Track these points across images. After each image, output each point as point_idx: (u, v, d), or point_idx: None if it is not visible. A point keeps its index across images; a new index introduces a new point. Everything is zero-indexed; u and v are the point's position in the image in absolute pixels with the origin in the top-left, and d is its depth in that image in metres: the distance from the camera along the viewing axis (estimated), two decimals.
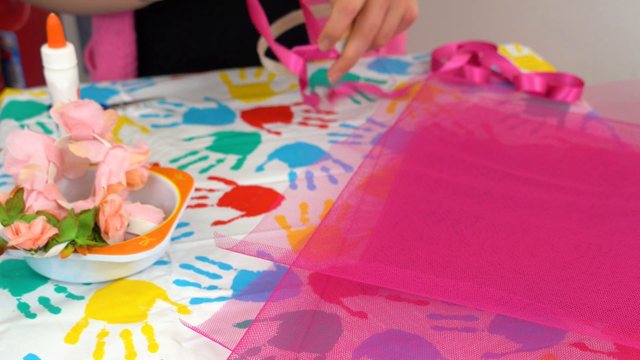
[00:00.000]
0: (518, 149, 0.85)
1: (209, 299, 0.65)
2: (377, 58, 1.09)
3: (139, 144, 0.71)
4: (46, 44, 0.76)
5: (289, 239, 0.72)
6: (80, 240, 0.63)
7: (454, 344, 0.60)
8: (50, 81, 0.77)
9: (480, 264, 0.66)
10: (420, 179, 0.79)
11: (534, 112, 0.93)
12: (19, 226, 0.62)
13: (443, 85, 0.99)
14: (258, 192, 0.80)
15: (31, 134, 0.69)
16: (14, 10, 2.02)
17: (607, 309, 0.61)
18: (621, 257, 0.68)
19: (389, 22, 0.84)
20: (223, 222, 0.75)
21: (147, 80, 1.02)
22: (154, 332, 0.62)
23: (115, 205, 0.65)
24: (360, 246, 0.69)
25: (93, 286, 0.67)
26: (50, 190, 0.68)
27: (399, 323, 0.62)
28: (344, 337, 0.60)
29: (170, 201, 0.72)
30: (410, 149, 0.84)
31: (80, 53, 2.01)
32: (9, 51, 2.04)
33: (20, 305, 0.65)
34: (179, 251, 0.71)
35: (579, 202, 0.76)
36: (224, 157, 0.86)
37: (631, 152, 0.85)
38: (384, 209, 0.74)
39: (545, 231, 0.71)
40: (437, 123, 0.90)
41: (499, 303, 0.60)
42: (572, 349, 0.59)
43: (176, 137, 0.89)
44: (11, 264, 0.69)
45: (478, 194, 0.77)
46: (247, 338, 0.59)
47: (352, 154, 0.86)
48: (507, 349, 0.59)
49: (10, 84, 2.08)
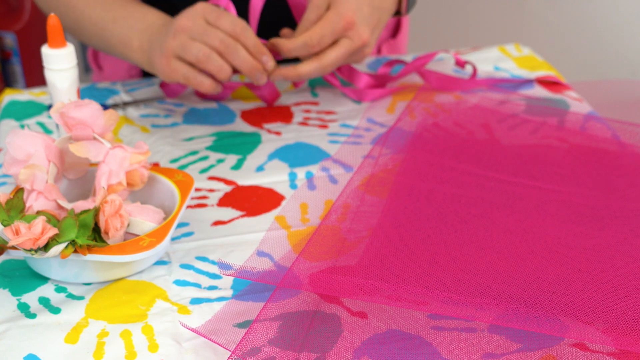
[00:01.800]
0: (518, 150, 0.85)
1: (209, 299, 0.65)
2: (377, 58, 1.09)
3: (139, 144, 0.71)
4: (46, 44, 0.76)
5: (289, 239, 0.72)
6: (80, 240, 0.63)
7: (454, 344, 0.60)
8: (50, 81, 0.77)
9: (480, 264, 0.66)
10: (419, 186, 0.79)
11: (534, 112, 0.93)
12: (19, 226, 0.62)
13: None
14: (258, 192, 0.80)
15: (31, 134, 0.69)
16: (14, 10, 2.02)
17: (608, 309, 0.61)
18: (622, 257, 0.68)
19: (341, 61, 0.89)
20: (223, 222, 0.75)
21: (147, 80, 1.02)
22: (154, 332, 0.62)
23: (115, 205, 0.65)
24: (360, 246, 0.69)
25: (93, 286, 0.67)
26: (50, 190, 0.68)
27: (399, 323, 0.62)
28: (344, 337, 0.60)
29: (170, 201, 0.72)
30: (410, 150, 0.84)
31: (80, 53, 2.01)
32: (9, 51, 2.04)
33: (21, 305, 0.65)
34: (179, 251, 0.71)
35: (578, 203, 0.76)
36: (224, 157, 0.86)
37: (631, 152, 0.85)
38: (384, 209, 0.74)
39: (545, 232, 0.71)
40: (437, 123, 0.90)
41: (498, 316, 0.60)
42: (572, 349, 0.59)
43: (176, 137, 0.89)
44: (11, 264, 0.69)
45: (478, 196, 0.77)
46: (247, 338, 0.59)
47: (352, 154, 0.86)
48: (507, 349, 0.59)
49: (10, 84, 2.08)
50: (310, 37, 0.85)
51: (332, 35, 0.86)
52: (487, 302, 0.61)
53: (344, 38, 0.87)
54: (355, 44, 0.87)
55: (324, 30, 0.85)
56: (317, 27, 0.86)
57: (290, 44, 0.87)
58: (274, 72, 0.88)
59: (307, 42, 0.86)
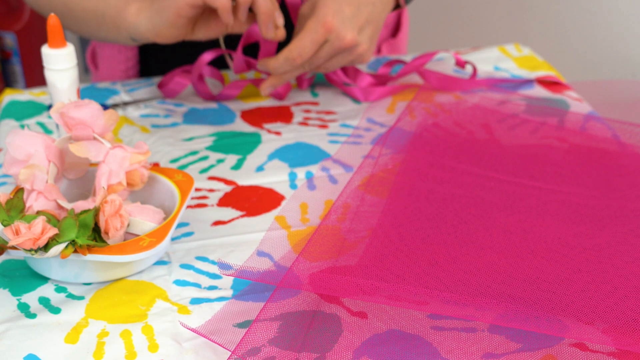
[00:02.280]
0: (518, 150, 0.85)
1: (209, 299, 0.65)
2: (377, 58, 1.09)
3: (139, 144, 0.71)
4: (46, 44, 0.76)
5: (289, 239, 0.72)
6: (80, 240, 0.63)
7: (454, 344, 0.60)
8: (50, 81, 0.77)
9: (480, 264, 0.66)
10: (419, 186, 0.79)
11: (534, 112, 0.93)
12: (19, 226, 0.62)
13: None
14: (258, 192, 0.80)
15: (31, 134, 0.69)
16: (14, 10, 2.02)
17: (608, 309, 0.61)
18: (622, 257, 0.68)
19: (332, 64, 0.89)
20: (223, 222, 0.75)
21: (147, 80, 1.02)
22: (154, 332, 0.62)
23: (115, 205, 0.65)
24: (360, 246, 0.69)
25: (93, 286, 0.67)
26: (50, 190, 0.68)
27: (399, 323, 0.62)
28: (344, 337, 0.60)
29: (170, 201, 0.72)
30: (410, 150, 0.84)
31: (80, 53, 2.01)
32: (9, 51, 2.04)
33: (21, 305, 0.65)
34: (179, 251, 0.71)
35: (578, 203, 0.76)
36: (224, 157, 0.86)
37: (631, 152, 0.85)
38: (384, 209, 0.74)
39: (545, 231, 0.71)
40: (437, 123, 0.90)
41: (498, 316, 0.60)
42: (572, 349, 0.59)
43: (176, 137, 0.89)
44: (11, 264, 0.69)
45: (478, 196, 0.77)
46: (247, 338, 0.59)
47: (352, 154, 0.86)
48: (507, 349, 0.59)
49: (10, 84, 2.08)
50: (289, 51, 0.85)
51: (313, 44, 0.85)
52: (487, 302, 0.61)
53: (325, 43, 0.86)
54: (335, 46, 0.86)
55: (303, 41, 0.85)
56: (296, 39, 0.86)
57: (274, 62, 0.87)
58: (263, 87, 0.90)
59: (287, 56, 0.86)
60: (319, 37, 0.85)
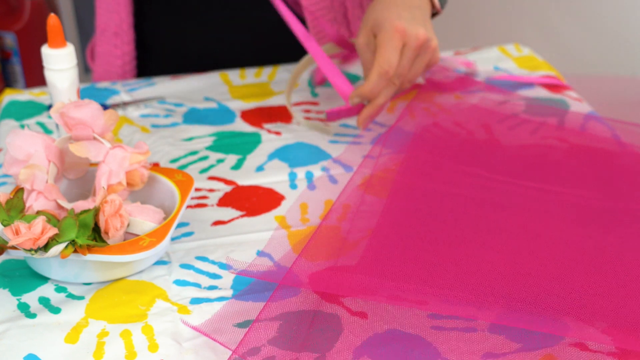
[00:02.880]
0: (518, 150, 0.85)
1: (209, 299, 0.65)
2: None
3: (139, 144, 0.71)
4: (46, 44, 0.76)
5: (289, 239, 0.72)
6: (80, 240, 0.63)
7: (454, 344, 0.60)
8: (50, 81, 0.77)
9: (480, 264, 0.66)
10: (419, 186, 0.79)
11: (534, 112, 0.93)
12: (19, 226, 0.62)
13: None
14: (258, 192, 0.80)
15: (31, 134, 0.69)
16: (14, 10, 2.02)
17: (608, 309, 0.61)
18: (622, 257, 0.68)
19: (415, 69, 0.87)
20: (223, 222, 0.75)
21: (147, 80, 1.02)
22: (154, 332, 0.62)
23: (115, 205, 0.65)
24: (360, 246, 0.69)
25: (93, 286, 0.67)
26: (50, 190, 0.68)
27: (399, 323, 0.62)
28: (344, 337, 0.60)
29: (170, 201, 0.72)
30: (410, 150, 0.84)
31: (80, 53, 2.01)
32: (9, 51, 2.04)
33: (21, 305, 0.65)
34: (179, 251, 0.71)
35: (578, 203, 0.76)
36: (224, 157, 0.86)
37: (631, 152, 0.85)
38: (384, 209, 0.74)
39: (545, 231, 0.71)
40: (437, 123, 0.90)
41: (498, 316, 0.60)
42: (572, 349, 0.59)
43: (176, 137, 0.89)
44: (11, 264, 0.69)
45: (478, 196, 0.77)
46: (248, 338, 0.59)
47: (352, 154, 0.86)
48: (507, 349, 0.59)
49: (10, 84, 2.08)
50: (379, 66, 0.84)
51: (395, 50, 0.84)
52: (487, 302, 0.61)
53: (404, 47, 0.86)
54: (414, 45, 0.85)
55: (386, 53, 0.84)
56: (378, 55, 0.85)
57: (368, 84, 0.85)
58: (361, 120, 0.87)
59: (379, 71, 0.84)
60: (397, 43, 0.84)
